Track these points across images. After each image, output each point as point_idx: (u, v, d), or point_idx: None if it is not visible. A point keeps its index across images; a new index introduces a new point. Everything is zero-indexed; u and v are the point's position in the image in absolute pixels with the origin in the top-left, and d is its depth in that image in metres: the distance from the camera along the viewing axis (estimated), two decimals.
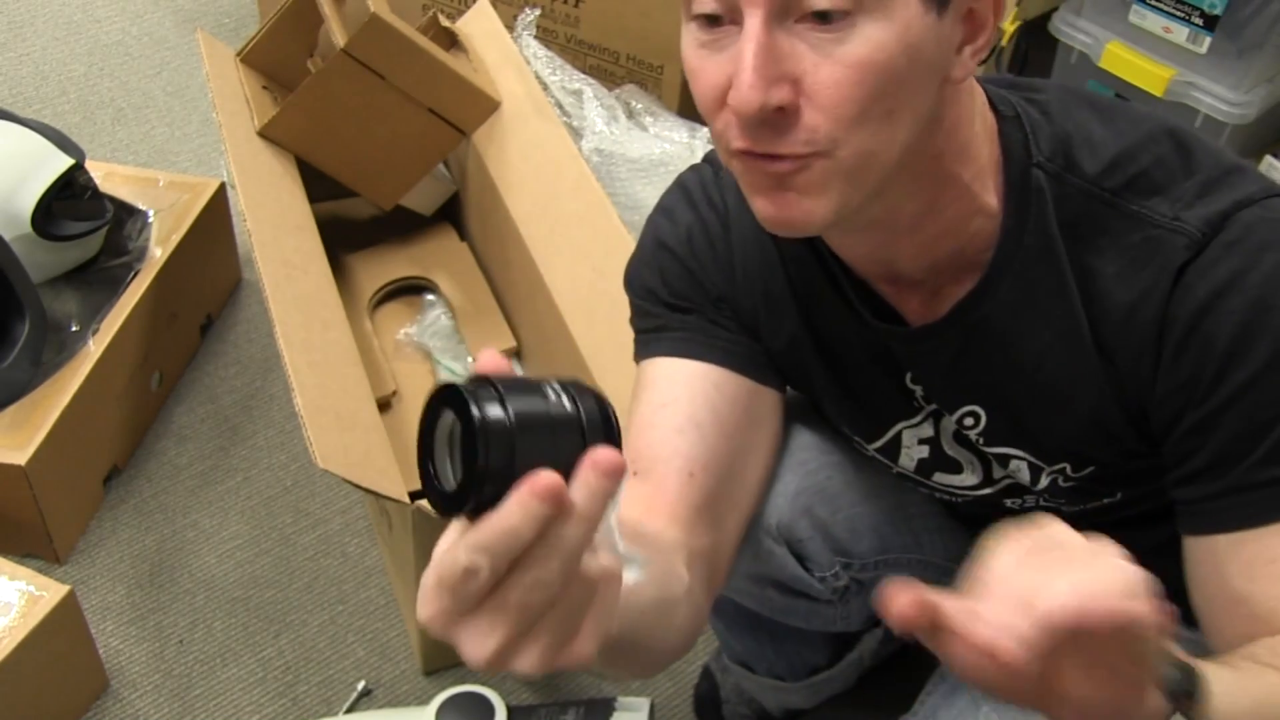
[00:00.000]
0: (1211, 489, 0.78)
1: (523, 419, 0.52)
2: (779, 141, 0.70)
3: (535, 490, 0.50)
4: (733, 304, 0.91)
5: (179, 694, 1.42)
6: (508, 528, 0.51)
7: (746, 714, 1.38)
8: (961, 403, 0.88)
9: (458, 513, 0.53)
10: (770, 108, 0.68)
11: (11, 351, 1.47)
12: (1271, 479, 0.76)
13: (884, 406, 0.93)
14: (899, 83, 0.69)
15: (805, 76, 0.68)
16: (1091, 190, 0.78)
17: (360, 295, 1.72)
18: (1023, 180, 0.78)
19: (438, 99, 1.64)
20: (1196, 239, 0.75)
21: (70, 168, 1.58)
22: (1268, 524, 0.77)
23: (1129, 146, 0.78)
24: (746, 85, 0.67)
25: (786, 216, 0.73)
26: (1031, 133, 0.79)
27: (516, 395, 0.53)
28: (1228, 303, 0.74)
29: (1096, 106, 0.81)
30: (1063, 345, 0.81)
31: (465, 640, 0.53)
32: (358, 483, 1.14)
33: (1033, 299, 0.80)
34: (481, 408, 0.52)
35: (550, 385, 0.55)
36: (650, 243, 0.93)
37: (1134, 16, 1.86)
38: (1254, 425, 0.76)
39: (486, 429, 0.51)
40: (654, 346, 0.92)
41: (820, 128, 0.69)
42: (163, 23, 2.42)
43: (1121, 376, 0.80)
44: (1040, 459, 0.88)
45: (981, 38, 0.73)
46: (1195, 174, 0.77)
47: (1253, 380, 0.75)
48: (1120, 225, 0.77)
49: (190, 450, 1.68)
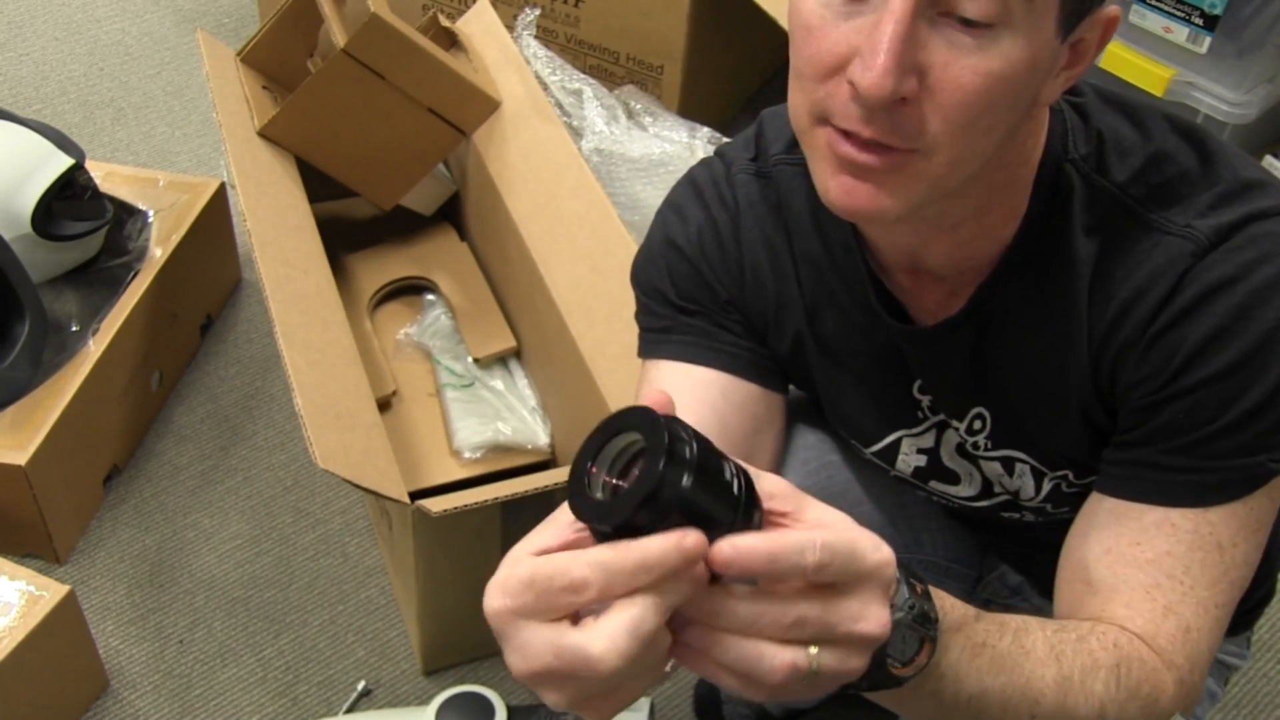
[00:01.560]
0: (1123, 456, 0.79)
1: (703, 474, 0.53)
2: (888, 131, 0.68)
3: (687, 543, 0.52)
4: (740, 306, 0.91)
5: (179, 694, 1.42)
6: (644, 562, 0.52)
7: (746, 713, 1.38)
8: (971, 405, 0.88)
9: (598, 523, 0.54)
10: (898, 96, 0.66)
11: (11, 351, 1.47)
12: (1178, 467, 0.77)
13: (886, 413, 0.93)
14: (1011, 99, 0.68)
15: (932, 71, 0.66)
16: (1117, 196, 0.78)
17: (360, 295, 1.72)
18: (1056, 174, 0.79)
19: (438, 99, 1.64)
20: (1203, 245, 0.75)
21: (70, 168, 1.57)
22: (1153, 504, 0.77)
23: (1155, 154, 0.78)
24: (881, 69, 0.64)
25: (858, 205, 0.71)
26: (1071, 130, 0.79)
27: (703, 449, 0.54)
28: (1210, 306, 0.75)
29: (1127, 110, 0.81)
30: (1066, 346, 0.81)
31: (512, 649, 0.54)
32: (358, 483, 1.14)
33: (1045, 295, 0.80)
34: (675, 442, 0.53)
35: (728, 460, 0.56)
36: (659, 239, 0.93)
37: (1134, 16, 1.86)
38: (1190, 420, 0.76)
39: (677, 462, 0.53)
40: (661, 349, 0.92)
41: (932, 125, 0.67)
42: (163, 23, 2.42)
43: (1102, 370, 0.80)
44: (1043, 464, 0.88)
45: (1080, 66, 0.73)
46: (1215, 186, 0.77)
47: (1207, 380, 0.75)
48: (1136, 233, 0.77)
49: (190, 450, 1.68)
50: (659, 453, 0.52)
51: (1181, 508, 0.77)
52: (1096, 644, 0.74)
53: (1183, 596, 0.76)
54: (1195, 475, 0.76)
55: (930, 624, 0.63)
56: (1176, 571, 0.77)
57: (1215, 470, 0.76)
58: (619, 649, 0.52)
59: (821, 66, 0.68)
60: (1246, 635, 1.11)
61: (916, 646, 0.63)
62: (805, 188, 0.87)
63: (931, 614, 0.63)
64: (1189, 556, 0.77)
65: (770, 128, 0.91)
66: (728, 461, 0.56)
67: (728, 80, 2.18)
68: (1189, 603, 0.77)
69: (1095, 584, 0.78)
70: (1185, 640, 0.76)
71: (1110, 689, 0.73)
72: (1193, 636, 0.77)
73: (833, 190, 0.71)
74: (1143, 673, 0.75)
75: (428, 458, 1.53)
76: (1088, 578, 0.79)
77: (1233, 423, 0.75)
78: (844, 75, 0.67)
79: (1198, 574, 0.77)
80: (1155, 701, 0.75)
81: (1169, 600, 0.76)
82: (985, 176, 0.74)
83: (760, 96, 2.25)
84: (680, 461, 0.53)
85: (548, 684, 0.55)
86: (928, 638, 0.63)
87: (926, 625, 0.63)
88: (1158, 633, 0.76)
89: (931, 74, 0.66)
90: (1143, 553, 0.77)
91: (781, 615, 0.54)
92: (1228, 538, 0.77)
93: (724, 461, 0.56)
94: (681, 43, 2.01)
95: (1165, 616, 0.76)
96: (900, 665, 0.63)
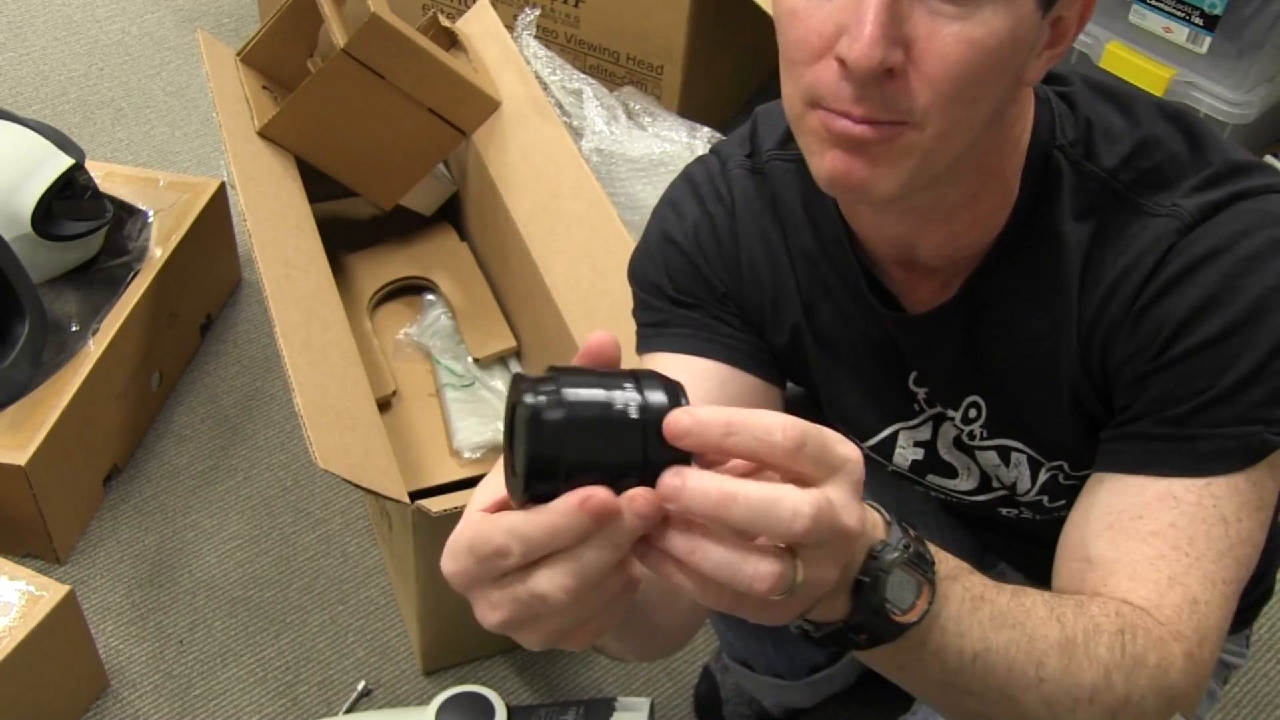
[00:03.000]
0: (1120, 432, 0.79)
1: (577, 421, 0.52)
2: (879, 107, 0.68)
3: (586, 505, 0.51)
4: (737, 300, 0.91)
5: (179, 694, 1.42)
6: (549, 527, 0.51)
7: (746, 714, 1.39)
8: (966, 393, 0.88)
9: (518, 497, 0.54)
10: (886, 66, 0.66)
11: (11, 351, 1.47)
12: (1174, 436, 0.76)
13: (883, 406, 0.93)
14: (996, 71, 0.69)
15: (918, 42, 0.67)
16: (1106, 181, 0.79)
17: (360, 295, 1.72)
18: (1044, 161, 0.79)
19: (438, 99, 1.64)
20: (1188, 222, 0.76)
21: (70, 168, 1.58)
22: (1152, 475, 0.76)
23: (1144, 140, 0.79)
24: (869, 40, 0.65)
25: (854, 180, 0.71)
26: (1059, 117, 0.80)
27: (580, 390, 0.52)
28: (1197, 277, 0.75)
29: (1116, 98, 0.81)
30: (1057, 332, 0.81)
31: (476, 605, 0.55)
32: (358, 483, 1.15)
33: (1036, 281, 0.81)
34: (537, 402, 0.51)
35: (622, 385, 0.53)
36: (656, 235, 0.93)
37: (1134, 16, 1.86)
38: (1182, 390, 0.76)
39: (536, 424, 0.51)
40: (658, 342, 0.92)
41: (920, 96, 0.68)
42: (163, 23, 2.42)
43: (1092, 352, 0.80)
44: (1039, 453, 0.88)
45: (1062, 45, 0.73)
46: (1203, 170, 0.78)
47: (1196, 348, 0.75)
48: (1125, 217, 0.78)
49: (190, 450, 1.68)
50: (524, 411, 0.51)
51: (1181, 478, 0.76)
52: (1097, 610, 0.72)
53: (1188, 568, 0.74)
54: (1191, 444, 0.76)
55: (927, 565, 0.62)
56: (1181, 543, 0.75)
57: (1211, 439, 0.75)
58: (567, 589, 0.52)
59: (809, 48, 0.69)
60: (1245, 634, 1.11)
61: (915, 591, 0.61)
62: (798, 182, 0.87)
63: (927, 555, 0.62)
64: (1193, 529, 0.75)
65: (764, 124, 0.91)
66: (622, 384, 0.53)
67: (728, 80, 2.18)
68: (1195, 574, 0.74)
69: (1096, 560, 0.77)
70: (1193, 612, 0.74)
71: (1115, 655, 0.70)
72: (1200, 609, 0.74)
73: (828, 166, 0.72)
74: (1148, 641, 0.72)
75: (428, 458, 1.53)
76: (1087, 555, 0.77)
77: (1225, 391, 0.75)
78: (832, 55, 0.68)
79: (1203, 546, 0.75)
80: (1164, 673, 0.72)
81: (1174, 571, 0.74)
82: (975, 161, 0.75)
83: (760, 97, 2.25)
84: (547, 419, 0.51)
85: (516, 630, 0.55)
86: (925, 580, 0.61)
87: (923, 566, 0.61)
88: (1162, 603, 0.74)
89: (917, 45, 0.67)
90: (1145, 525, 0.76)
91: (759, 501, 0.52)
92: (1231, 512, 0.76)
93: (615, 387, 0.53)
94: (681, 43, 2.01)
95: (1170, 587, 0.74)
96: (900, 612, 0.61)
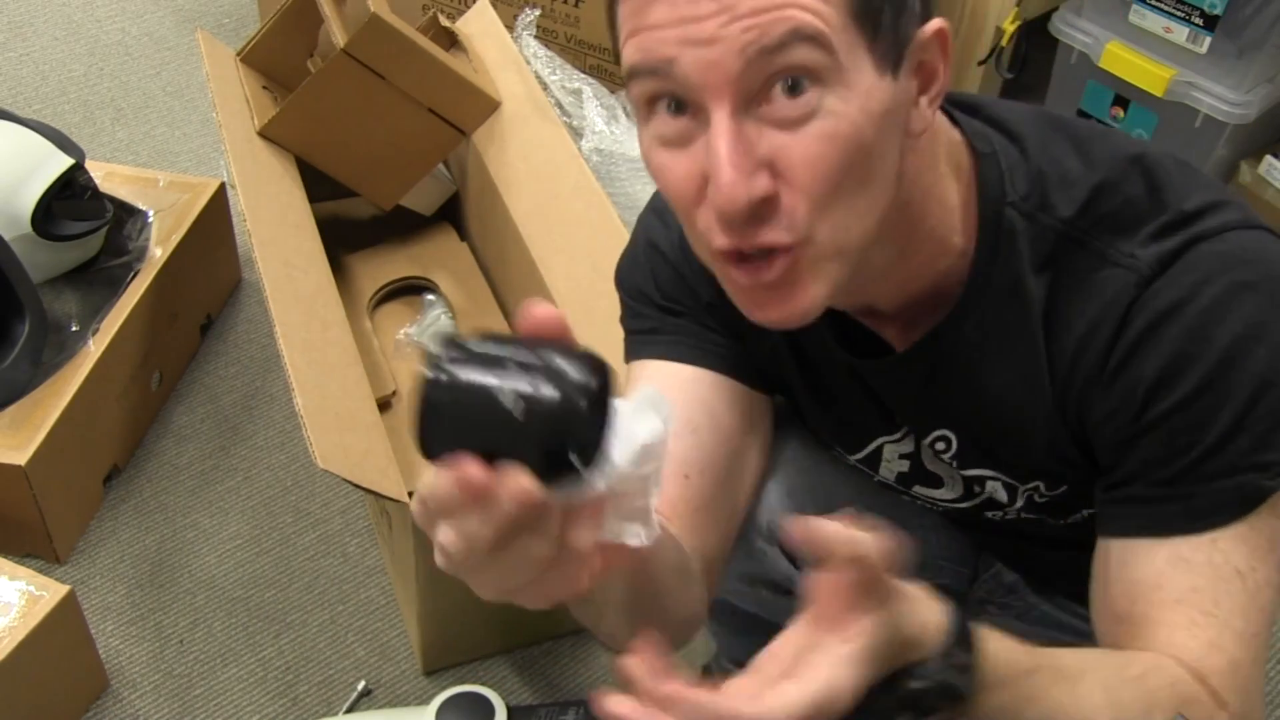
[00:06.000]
0: (1115, 495, 0.79)
1: (460, 406, 0.54)
2: (763, 231, 0.68)
3: (459, 482, 0.53)
4: (721, 310, 0.91)
5: (179, 694, 1.42)
6: (435, 492, 0.54)
7: None
8: (933, 427, 0.88)
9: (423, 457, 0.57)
10: (755, 200, 0.66)
11: (11, 351, 1.47)
12: (1168, 497, 0.76)
13: (865, 422, 0.93)
14: (868, 151, 0.68)
15: (778, 158, 0.66)
16: (1064, 230, 0.77)
17: (360, 295, 1.72)
18: (996, 219, 0.78)
19: (438, 99, 1.64)
20: (1146, 275, 0.75)
21: (70, 168, 1.58)
22: (1156, 538, 0.76)
23: (1101, 184, 0.77)
24: (728, 182, 0.65)
25: (785, 315, 0.72)
26: (1008, 171, 0.78)
27: (473, 374, 0.54)
28: (1161, 334, 0.74)
29: (1073, 138, 0.80)
30: (1023, 385, 0.80)
31: (434, 543, 0.57)
32: (358, 483, 1.15)
33: (998, 336, 0.80)
34: (434, 377, 0.54)
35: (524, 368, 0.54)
36: (643, 243, 0.93)
37: (1134, 16, 1.86)
38: (1168, 451, 0.75)
39: (425, 401, 0.54)
40: (647, 349, 0.92)
41: (799, 209, 0.67)
42: (163, 23, 2.42)
43: (1069, 409, 0.80)
44: (1013, 479, 0.88)
45: (935, 86, 0.72)
46: (1161, 214, 0.76)
47: (1176, 407, 0.74)
48: (1086, 264, 0.77)
49: (190, 450, 1.68)
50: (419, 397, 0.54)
51: (1186, 536, 0.76)
52: (1155, 682, 0.72)
53: (1220, 630, 0.75)
54: (1187, 502, 0.75)
55: (952, 696, 0.63)
56: (1207, 606, 0.75)
57: (1206, 494, 0.75)
58: (458, 548, 0.55)
59: (687, 197, 0.69)
60: None
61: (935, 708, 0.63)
62: None
63: (958, 686, 0.63)
64: (1215, 589, 0.75)
65: None
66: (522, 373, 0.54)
67: None
68: (1227, 636, 0.75)
69: (1136, 623, 0.77)
70: (1234, 676, 0.75)
71: None
72: (1242, 672, 0.75)
73: (758, 318, 0.73)
74: (1201, 715, 0.73)
75: None
76: (1126, 620, 0.77)
77: (1211, 446, 0.74)
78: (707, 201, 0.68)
79: (1228, 605, 0.75)
80: None
81: (1209, 636, 0.75)
82: (893, 220, 0.73)
83: None
84: (428, 402, 0.54)
85: (461, 576, 0.57)
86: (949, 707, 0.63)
87: (948, 695, 0.63)
88: (1208, 670, 0.74)
89: (779, 162, 0.66)
90: (1168, 595, 0.76)
91: None
92: (1244, 562, 0.75)
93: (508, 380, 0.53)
94: None
95: (1210, 652, 0.74)
96: None
